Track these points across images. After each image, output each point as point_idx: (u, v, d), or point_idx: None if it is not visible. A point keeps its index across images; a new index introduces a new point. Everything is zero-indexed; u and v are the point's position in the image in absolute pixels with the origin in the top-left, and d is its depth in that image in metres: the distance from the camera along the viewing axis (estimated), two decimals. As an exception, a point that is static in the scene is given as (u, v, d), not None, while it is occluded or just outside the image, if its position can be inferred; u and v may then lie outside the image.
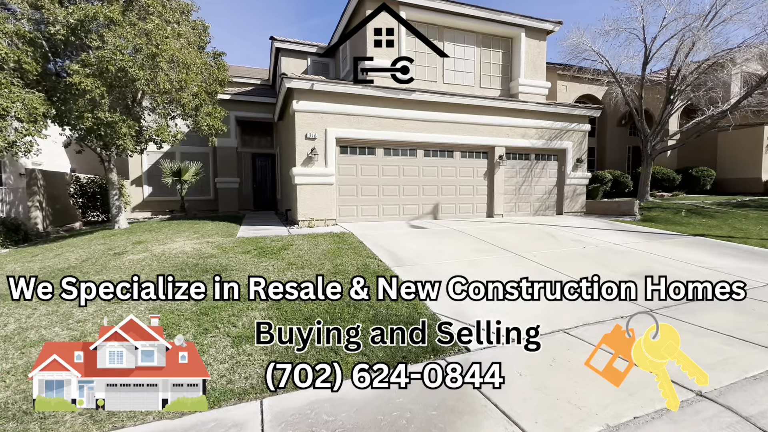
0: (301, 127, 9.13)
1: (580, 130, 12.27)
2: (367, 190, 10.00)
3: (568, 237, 8.14)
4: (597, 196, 15.43)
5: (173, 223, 10.08)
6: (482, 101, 10.72)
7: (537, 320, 3.73)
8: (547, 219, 11.16)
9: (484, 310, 4.01)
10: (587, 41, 13.65)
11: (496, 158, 11.14)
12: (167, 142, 8.29)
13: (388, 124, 9.89)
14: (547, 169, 12.20)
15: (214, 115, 9.46)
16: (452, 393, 2.60)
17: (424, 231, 8.66)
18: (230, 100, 14.12)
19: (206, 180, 15.68)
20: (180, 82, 7.86)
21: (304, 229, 8.74)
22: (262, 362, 2.99)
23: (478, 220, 10.79)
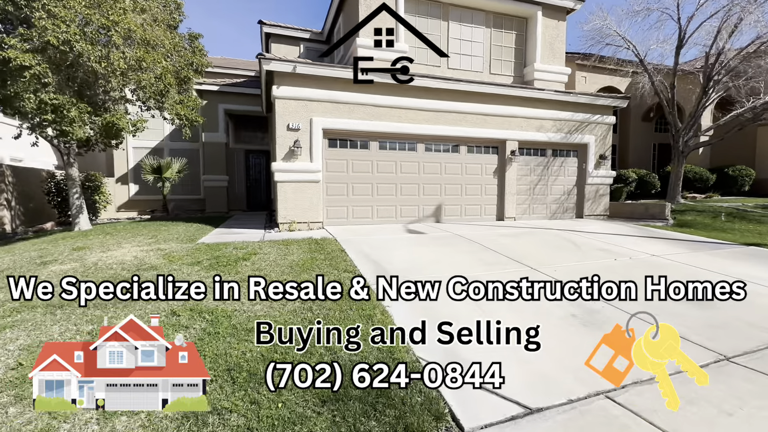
0: (282, 117, 7.97)
1: (604, 122, 10.85)
2: (359, 188, 8.80)
3: (594, 245, 6.79)
4: (620, 197, 13.93)
5: (142, 224, 9.05)
6: (492, 88, 9.41)
7: (565, 375, 2.50)
8: (565, 223, 9.78)
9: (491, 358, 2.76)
10: (611, 24, 12.19)
11: (508, 153, 9.82)
12: (126, 130, 7.22)
13: (384, 114, 8.66)
14: (565, 167, 10.82)
15: (186, 103, 8.37)
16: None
17: (422, 237, 7.41)
18: (218, 91, 13.09)
19: (196, 178, 14.71)
20: (138, 62, 6.78)
21: (282, 234, 7.58)
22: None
23: (487, 223, 9.48)
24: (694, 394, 2.34)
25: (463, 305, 3.45)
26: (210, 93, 13.11)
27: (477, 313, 3.49)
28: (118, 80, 6.78)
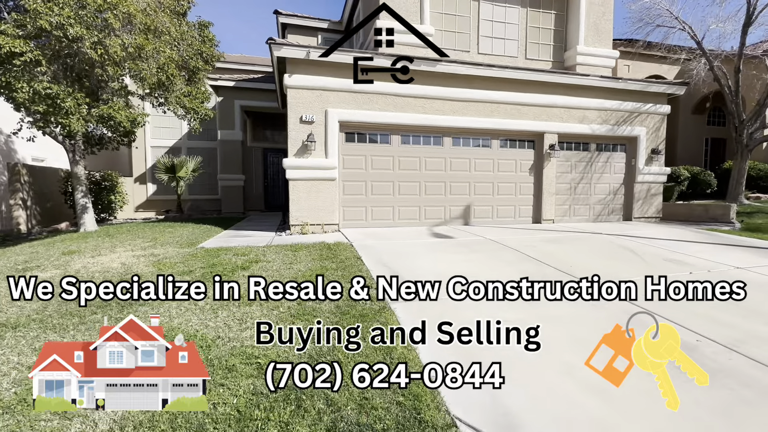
0: (294, 108, 7.26)
1: (657, 112, 9.56)
2: (378, 187, 7.97)
3: (657, 254, 5.67)
4: (671, 197, 12.45)
5: (150, 226, 8.57)
6: (529, 74, 8.36)
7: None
8: (613, 226, 8.59)
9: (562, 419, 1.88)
10: (663, 3, 10.84)
11: (546, 148, 8.73)
12: (124, 124, 6.69)
13: (406, 104, 7.80)
14: (611, 163, 9.60)
15: (194, 95, 7.80)
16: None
17: (449, 242, 6.50)
18: (234, 87, 12.61)
19: (214, 178, 14.30)
20: (138, 49, 6.21)
21: (294, 237, 6.85)
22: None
23: (523, 226, 8.44)
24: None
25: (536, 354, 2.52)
26: (226, 89, 12.65)
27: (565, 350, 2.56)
28: (115, 69, 6.23)
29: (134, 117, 6.80)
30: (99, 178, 11.80)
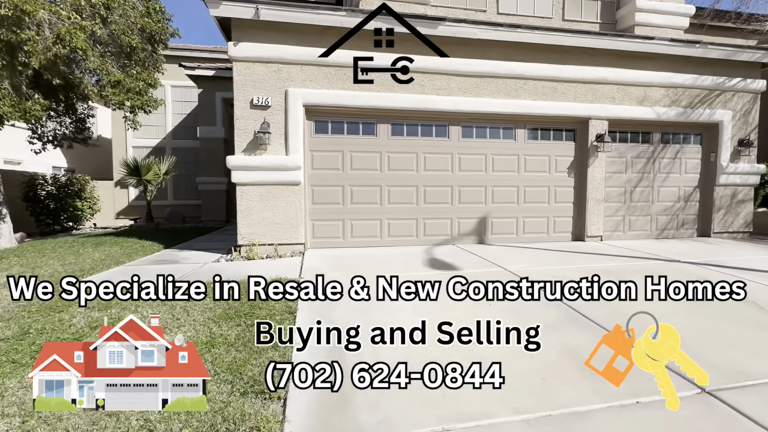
0: (243, 88, 5.38)
1: (747, 90, 7.04)
2: (360, 193, 5.96)
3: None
4: (756, 203, 9.71)
5: (79, 242, 6.93)
6: (569, 38, 6.11)
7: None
8: (688, 246, 6.18)
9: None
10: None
11: (593, 139, 6.44)
12: (6, 119, 4.99)
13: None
14: (682, 159, 7.16)
15: (126, 84, 6.07)
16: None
17: (451, 274, 4.37)
18: (215, 77, 10.97)
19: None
20: (15, 10, 4.50)
21: (234, 264, 4.95)
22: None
23: (560, 246, 6.18)
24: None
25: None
26: (205, 79, 11.05)
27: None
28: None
29: (28, 108, 5.08)
30: (63, 182, 10.48)
